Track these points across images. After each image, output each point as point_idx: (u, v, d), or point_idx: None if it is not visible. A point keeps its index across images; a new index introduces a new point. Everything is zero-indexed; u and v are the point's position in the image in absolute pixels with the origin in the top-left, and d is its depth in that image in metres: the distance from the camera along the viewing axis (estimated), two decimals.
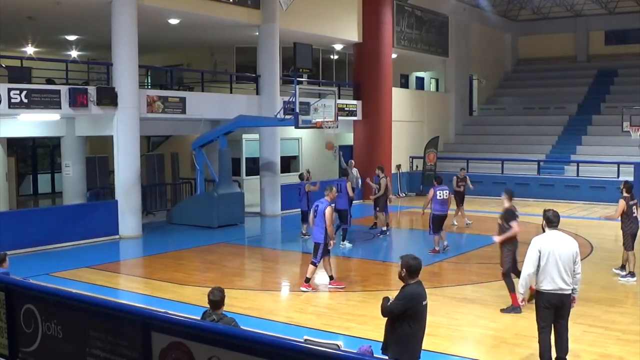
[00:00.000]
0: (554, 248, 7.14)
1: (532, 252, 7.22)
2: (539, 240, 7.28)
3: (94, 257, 14.08)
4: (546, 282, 7.13)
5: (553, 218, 7.42)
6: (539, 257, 7.14)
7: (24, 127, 17.68)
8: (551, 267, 7.09)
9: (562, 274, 7.09)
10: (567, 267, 7.12)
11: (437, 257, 14.03)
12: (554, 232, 7.36)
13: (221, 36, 21.38)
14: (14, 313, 5.47)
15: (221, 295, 6.28)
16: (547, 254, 7.12)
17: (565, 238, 7.31)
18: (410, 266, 5.94)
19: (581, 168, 23.91)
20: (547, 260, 7.11)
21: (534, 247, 7.24)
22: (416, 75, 33.42)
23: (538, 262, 7.14)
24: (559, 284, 7.11)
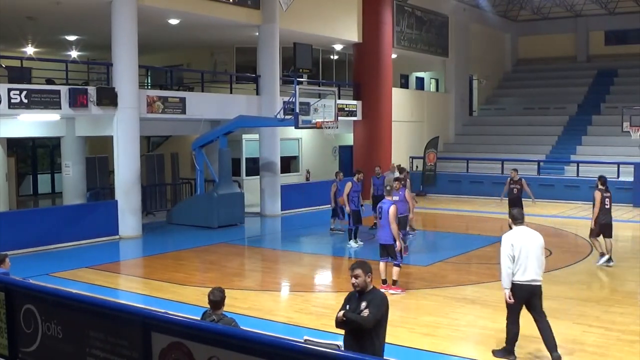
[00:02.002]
0: (525, 242, 7.58)
1: (506, 247, 7.61)
2: (511, 236, 7.68)
3: (94, 257, 14.08)
4: (520, 274, 7.53)
5: (518, 215, 7.89)
6: (512, 250, 7.55)
7: (24, 127, 17.67)
8: (524, 260, 7.53)
9: (534, 266, 7.55)
10: (537, 259, 7.59)
11: (437, 257, 14.01)
12: (521, 227, 7.78)
13: (221, 36, 21.38)
14: (14, 313, 5.47)
15: (221, 296, 6.28)
16: (520, 248, 7.54)
17: (532, 233, 7.76)
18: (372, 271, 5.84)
19: (581, 168, 23.90)
20: (519, 254, 7.53)
21: (507, 242, 7.63)
22: (416, 76, 33.41)
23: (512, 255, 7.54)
24: (532, 276, 7.55)
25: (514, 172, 16.12)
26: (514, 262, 7.54)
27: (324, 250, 15.18)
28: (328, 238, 16.54)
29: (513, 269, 7.55)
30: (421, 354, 8.21)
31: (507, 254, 7.56)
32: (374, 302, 5.66)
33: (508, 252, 7.57)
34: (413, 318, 9.60)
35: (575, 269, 12.95)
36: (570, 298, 10.62)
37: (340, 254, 14.79)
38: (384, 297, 5.80)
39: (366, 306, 5.64)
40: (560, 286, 11.42)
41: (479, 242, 15.59)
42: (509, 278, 7.59)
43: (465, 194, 23.44)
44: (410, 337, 8.74)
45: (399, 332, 8.97)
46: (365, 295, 5.75)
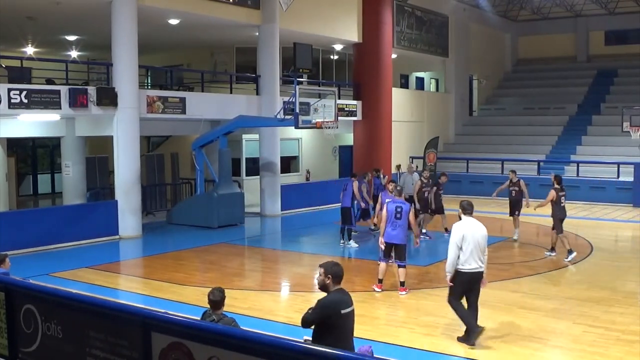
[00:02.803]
0: (473, 232, 8.12)
1: (456, 236, 8.11)
2: (461, 226, 8.19)
3: (94, 257, 14.07)
4: (468, 262, 8.08)
5: (467, 207, 8.39)
6: (462, 240, 8.06)
7: (24, 127, 17.67)
8: (471, 249, 8.08)
9: (479, 255, 8.14)
10: (482, 249, 8.16)
11: (437, 257, 14.02)
12: (470, 218, 8.29)
13: (221, 36, 21.38)
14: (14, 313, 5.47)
15: (221, 296, 6.28)
16: (469, 237, 8.08)
17: (478, 224, 8.28)
18: (334, 272, 5.68)
19: (581, 168, 23.91)
20: (468, 243, 8.06)
21: (457, 232, 8.14)
22: (416, 76, 33.41)
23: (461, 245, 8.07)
24: (478, 264, 8.14)
25: (513, 173, 16.00)
26: (461, 251, 8.05)
27: (324, 250, 15.17)
28: (328, 238, 16.51)
29: (461, 258, 8.07)
30: (421, 354, 8.21)
31: (456, 242, 8.07)
32: (316, 303, 5.65)
33: (457, 241, 8.07)
34: (413, 318, 9.61)
35: (575, 269, 12.96)
36: (570, 298, 10.63)
37: (340, 254, 14.78)
38: (326, 302, 5.62)
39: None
40: (560, 286, 11.43)
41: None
42: (454, 265, 8.11)
43: (465, 194, 23.36)
44: (410, 337, 8.75)
45: (399, 332, 8.98)
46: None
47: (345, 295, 5.73)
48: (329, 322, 5.55)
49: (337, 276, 5.70)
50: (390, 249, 10.93)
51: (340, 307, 5.60)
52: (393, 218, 10.75)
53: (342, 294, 5.70)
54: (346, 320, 5.64)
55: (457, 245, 8.09)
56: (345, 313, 5.60)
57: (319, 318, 5.58)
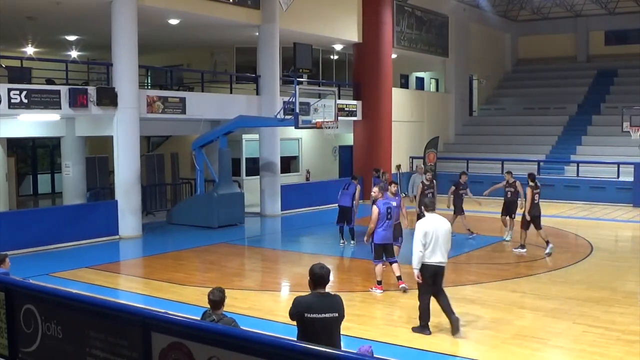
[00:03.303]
0: (436, 228, 8.50)
1: (420, 233, 8.49)
2: (424, 223, 8.59)
3: (94, 257, 14.08)
4: (429, 256, 8.46)
5: (429, 204, 8.89)
6: (425, 236, 8.43)
7: (24, 127, 17.67)
8: (435, 244, 8.46)
9: (442, 250, 8.51)
10: (445, 243, 8.54)
11: None
12: (433, 215, 8.71)
13: (221, 36, 21.38)
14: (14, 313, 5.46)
15: (221, 296, 6.29)
16: (432, 233, 8.45)
17: (441, 219, 8.70)
18: (313, 274, 5.62)
19: (581, 168, 23.91)
20: (431, 238, 8.44)
21: (421, 228, 8.52)
22: (416, 76, 33.40)
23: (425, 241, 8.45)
24: (440, 258, 8.51)
25: (509, 174, 15.88)
26: (425, 246, 8.44)
27: (324, 250, 15.18)
28: (328, 238, 16.51)
29: (425, 253, 8.45)
30: (421, 354, 8.21)
31: (420, 239, 8.45)
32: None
33: (421, 237, 8.45)
34: (413, 318, 9.59)
35: (575, 269, 12.96)
36: (570, 298, 10.63)
37: (340, 254, 14.79)
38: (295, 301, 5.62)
39: None
40: (560, 286, 11.43)
41: (479, 242, 15.59)
42: (419, 260, 8.48)
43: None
44: (410, 337, 8.75)
45: (399, 332, 8.98)
46: None
47: (323, 300, 5.60)
48: (297, 322, 5.57)
49: (314, 279, 5.62)
50: (383, 249, 10.95)
51: (305, 310, 5.51)
52: (385, 219, 10.80)
53: (318, 298, 5.58)
54: (312, 324, 5.49)
55: (421, 242, 8.44)
56: (310, 317, 5.48)
57: (291, 314, 5.65)
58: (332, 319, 5.58)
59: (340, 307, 5.69)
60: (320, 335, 5.47)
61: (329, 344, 5.41)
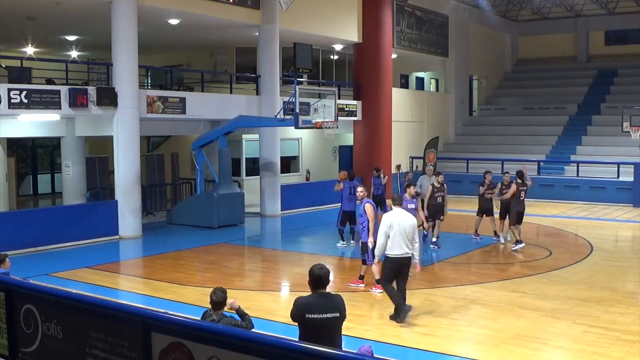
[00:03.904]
0: (399, 221, 8.97)
1: (384, 225, 9.00)
2: (389, 216, 9.09)
3: (94, 257, 14.07)
4: (395, 248, 8.95)
5: (397, 198, 9.44)
6: (390, 228, 8.91)
7: (24, 127, 17.67)
8: (398, 236, 8.93)
9: (406, 242, 8.98)
10: (408, 236, 9.00)
11: (437, 257, 14.04)
12: (398, 209, 9.26)
13: (221, 36, 21.38)
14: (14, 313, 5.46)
15: (223, 297, 6.30)
16: (396, 226, 8.92)
17: (406, 214, 9.24)
18: (313, 275, 5.66)
19: (581, 168, 23.91)
20: (395, 231, 8.91)
21: (385, 221, 9.02)
22: (416, 76, 33.42)
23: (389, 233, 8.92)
24: (404, 249, 8.99)
25: (506, 175, 15.80)
26: (388, 238, 8.92)
27: (324, 250, 15.18)
28: (328, 238, 16.49)
29: (389, 244, 8.95)
30: (421, 354, 8.21)
31: (384, 232, 8.95)
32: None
33: (385, 229, 8.95)
34: (413, 318, 9.60)
35: (575, 269, 12.95)
36: (570, 298, 10.63)
37: (340, 254, 14.78)
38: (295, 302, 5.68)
39: None
40: (560, 286, 11.43)
41: (479, 242, 15.59)
42: (382, 251, 9.06)
43: (465, 194, 23.39)
44: (410, 337, 8.75)
45: (399, 332, 8.98)
46: None
47: (323, 300, 5.63)
48: (298, 323, 5.62)
49: (313, 280, 5.66)
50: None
51: (305, 310, 5.55)
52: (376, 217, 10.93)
53: (319, 299, 5.62)
54: (313, 325, 5.53)
55: (385, 233, 8.95)
56: (310, 318, 5.52)
57: (292, 316, 5.70)
58: (333, 319, 5.61)
59: (341, 308, 5.71)
60: (321, 335, 5.49)
61: (330, 344, 5.42)
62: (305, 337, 5.52)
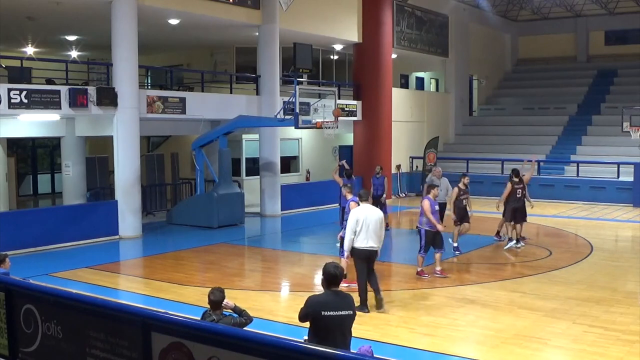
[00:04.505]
0: (367, 216, 9.47)
1: (352, 220, 9.53)
2: (356, 211, 9.61)
3: (94, 257, 14.07)
4: (362, 241, 9.43)
5: (364, 195, 10.04)
6: (356, 223, 9.41)
7: (24, 127, 17.67)
8: (365, 230, 9.43)
9: (372, 236, 9.45)
10: (375, 230, 9.46)
11: None
12: (365, 205, 9.78)
13: (221, 36, 21.38)
14: (14, 313, 5.46)
15: (221, 296, 6.30)
16: (362, 221, 9.43)
17: (373, 209, 9.76)
18: (327, 273, 5.73)
19: (581, 168, 23.90)
20: (362, 226, 9.41)
21: (353, 216, 9.56)
22: (416, 76, 33.41)
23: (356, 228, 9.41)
24: (370, 243, 9.46)
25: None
26: (356, 233, 9.42)
27: (324, 250, 15.17)
28: (328, 238, 16.48)
29: (356, 238, 9.44)
30: (421, 354, 8.21)
31: (351, 226, 9.45)
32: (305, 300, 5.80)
33: (352, 224, 9.45)
34: (413, 318, 9.61)
35: (575, 269, 12.95)
36: (570, 298, 10.63)
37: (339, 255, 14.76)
38: (309, 301, 5.74)
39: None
40: (560, 286, 11.43)
41: (479, 242, 15.59)
42: (350, 244, 9.51)
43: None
44: (410, 337, 8.75)
45: (399, 332, 8.99)
46: None
47: (337, 298, 5.73)
48: (312, 321, 5.66)
49: (328, 278, 5.75)
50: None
51: (321, 308, 5.61)
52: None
53: (333, 296, 5.72)
54: (329, 322, 5.62)
55: (352, 228, 9.45)
56: (327, 315, 5.60)
57: (303, 315, 5.73)
58: (347, 316, 5.75)
59: (353, 306, 5.87)
60: (335, 332, 5.64)
61: (343, 342, 5.65)
62: (318, 335, 5.60)
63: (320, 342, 5.44)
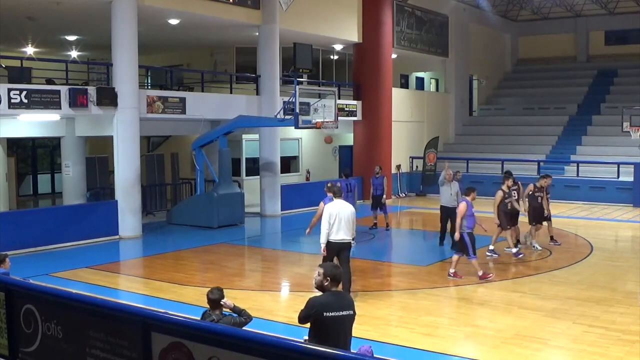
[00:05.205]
0: (339, 210, 10.13)
1: (325, 215, 10.16)
2: (330, 207, 10.26)
3: (94, 257, 14.07)
4: (334, 234, 10.09)
5: (337, 191, 10.57)
6: (330, 217, 10.05)
7: (24, 127, 17.67)
8: (339, 224, 10.07)
9: (345, 229, 10.10)
10: (347, 224, 10.11)
11: (437, 257, 14.03)
12: (339, 200, 10.36)
13: (221, 36, 21.38)
14: (14, 313, 5.46)
15: (220, 295, 6.30)
16: (335, 215, 10.08)
17: (346, 204, 10.34)
18: (332, 274, 5.69)
19: (581, 168, 23.90)
20: (335, 220, 10.06)
21: (326, 211, 10.19)
22: (416, 76, 33.40)
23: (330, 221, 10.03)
24: (342, 235, 10.11)
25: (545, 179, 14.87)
26: (330, 226, 10.01)
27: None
28: None
29: (329, 230, 10.02)
30: (421, 354, 8.21)
31: (326, 220, 10.07)
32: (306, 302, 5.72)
33: (327, 218, 10.08)
34: (413, 318, 9.61)
35: (575, 269, 12.95)
36: (570, 298, 10.63)
37: None
38: (311, 302, 5.67)
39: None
40: (560, 286, 11.43)
41: (479, 242, 15.51)
42: (326, 237, 10.08)
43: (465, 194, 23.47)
44: (410, 337, 8.75)
45: (399, 332, 8.99)
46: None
47: (339, 299, 5.72)
48: (313, 322, 5.63)
49: (334, 279, 5.71)
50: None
51: (324, 309, 5.58)
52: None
53: (335, 297, 5.69)
54: (331, 323, 5.59)
55: (327, 222, 10.05)
56: (329, 316, 5.57)
57: (304, 317, 5.68)
58: (348, 316, 5.73)
59: (353, 305, 5.85)
60: (335, 333, 5.62)
61: (344, 342, 5.64)
62: (319, 335, 5.57)
63: (320, 342, 5.41)
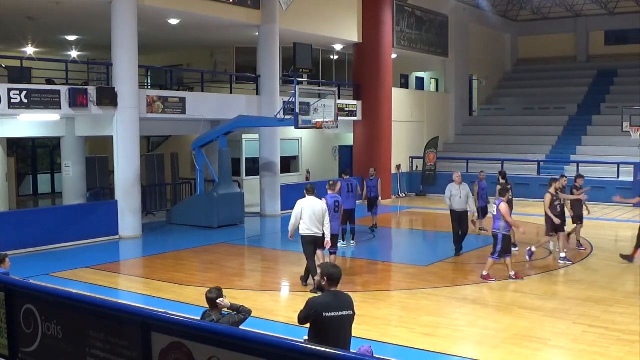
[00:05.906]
0: (310, 206, 10.93)
1: (296, 210, 11.03)
2: (301, 202, 11.04)
3: (94, 257, 14.07)
4: (306, 228, 10.91)
5: (310, 189, 11.27)
6: (301, 212, 10.90)
7: (24, 127, 17.66)
8: (309, 219, 10.87)
9: (316, 223, 10.90)
10: (318, 219, 10.90)
11: (437, 257, 14.02)
12: (310, 197, 11.11)
13: (221, 36, 21.38)
14: (14, 313, 5.46)
15: (219, 294, 6.30)
16: (307, 209, 10.88)
17: (316, 200, 11.08)
18: (330, 274, 5.68)
19: (581, 168, 23.86)
20: (305, 214, 10.87)
21: (297, 206, 11.03)
22: (416, 76, 33.40)
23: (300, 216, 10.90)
24: (314, 230, 10.91)
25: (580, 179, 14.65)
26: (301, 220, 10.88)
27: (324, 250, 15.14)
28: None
29: (301, 225, 10.87)
30: (421, 354, 8.21)
31: (295, 214, 10.99)
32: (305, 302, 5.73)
33: (296, 212, 10.98)
34: (413, 318, 9.61)
35: (575, 269, 12.95)
36: (570, 298, 10.63)
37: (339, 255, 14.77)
38: (310, 302, 5.66)
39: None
40: (560, 286, 11.44)
41: (479, 242, 15.58)
42: (294, 229, 11.08)
43: None
44: (410, 337, 8.75)
45: (399, 332, 8.99)
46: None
47: (338, 299, 5.71)
48: (313, 322, 5.62)
49: (331, 278, 5.69)
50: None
51: (323, 309, 5.58)
52: (332, 212, 11.60)
53: (334, 297, 5.68)
54: (331, 323, 5.58)
55: (296, 215, 10.94)
56: (329, 316, 5.56)
57: (304, 317, 5.67)
58: (348, 316, 5.72)
59: (352, 305, 5.82)
60: (336, 333, 5.61)
61: (344, 342, 5.63)
62: (319, 335, 5.57)
63: (320, 342, 5.41)
